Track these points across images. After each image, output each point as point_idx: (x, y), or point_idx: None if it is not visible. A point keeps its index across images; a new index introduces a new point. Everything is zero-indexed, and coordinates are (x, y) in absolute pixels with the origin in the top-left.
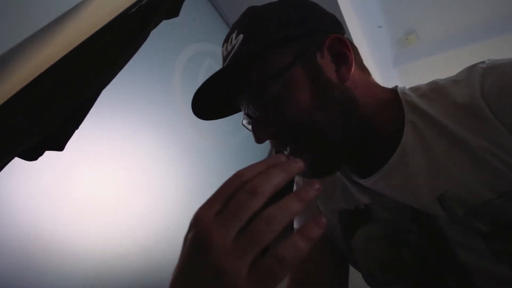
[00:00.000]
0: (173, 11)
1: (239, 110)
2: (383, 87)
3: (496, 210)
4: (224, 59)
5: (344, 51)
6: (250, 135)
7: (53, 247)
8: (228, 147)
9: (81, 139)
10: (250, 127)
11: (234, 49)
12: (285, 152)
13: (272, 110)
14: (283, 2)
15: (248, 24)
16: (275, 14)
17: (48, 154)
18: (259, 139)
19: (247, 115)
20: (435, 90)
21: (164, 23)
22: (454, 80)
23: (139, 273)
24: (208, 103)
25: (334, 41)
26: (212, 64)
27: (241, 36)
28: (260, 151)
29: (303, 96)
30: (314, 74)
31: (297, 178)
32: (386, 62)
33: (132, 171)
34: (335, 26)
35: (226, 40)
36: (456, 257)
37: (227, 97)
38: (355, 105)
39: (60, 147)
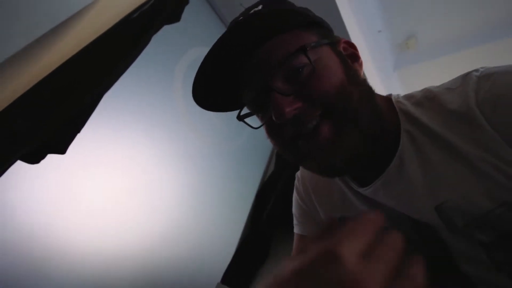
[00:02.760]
0: (174, 16)
1: (238, 107)
2: (378, 94)
3: (496, 220)
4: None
5: (355, 53)
6: (249, 139)
7: (54, 249)
8: (228, 151)
9: (83, 143)
10: (253, 118)
11: (260, 11)
12: (308, 126)
13: (306, 78)
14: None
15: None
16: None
17: (51, 158)
18: (283, 113)
19: (265, 89)
20: (429, 98)
21: (166, 28)
22: (448, 88)
23: (139, 275)
24: (216, 80)
25: (346, 44)
26: None
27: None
28: (260, 155)
29: (337, 70)
30: (342, 57)
31: (296, 182)
32: (386, 66)
33: (133, 175)
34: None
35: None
36: (457, 266)
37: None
38: (374, 96)
39: (62, 150)
